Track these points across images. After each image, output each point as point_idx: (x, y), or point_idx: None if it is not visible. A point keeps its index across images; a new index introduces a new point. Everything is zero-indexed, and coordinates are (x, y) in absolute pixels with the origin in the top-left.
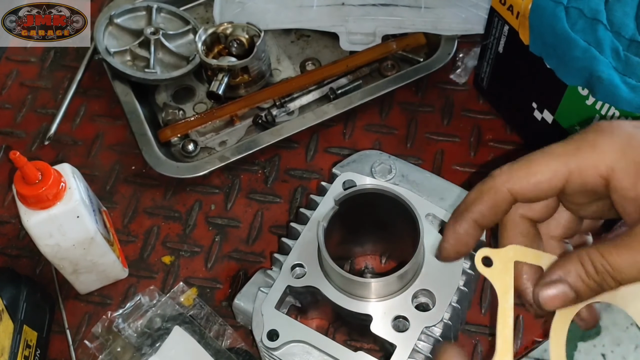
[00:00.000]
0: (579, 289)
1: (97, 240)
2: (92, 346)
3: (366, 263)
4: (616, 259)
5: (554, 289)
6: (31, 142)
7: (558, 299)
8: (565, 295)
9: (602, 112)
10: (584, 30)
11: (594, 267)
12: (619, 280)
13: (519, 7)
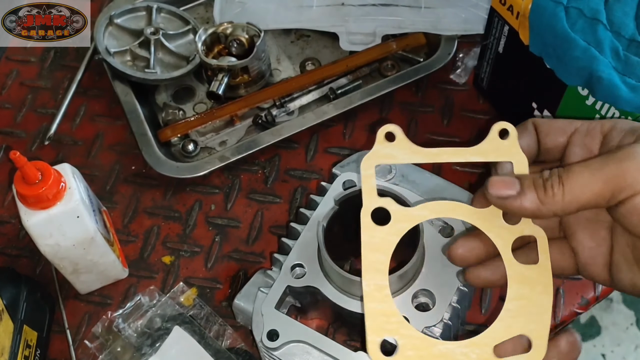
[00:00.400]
0: (525, 186)
1: (97, 240)
2: (92, 346)
3: None
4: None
5: (505, 177)
6: (31, 142)
7: (504, 186)
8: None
9: (602, 112)
10: (584, 30)
11: (552, 171)
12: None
13: (519, 7)
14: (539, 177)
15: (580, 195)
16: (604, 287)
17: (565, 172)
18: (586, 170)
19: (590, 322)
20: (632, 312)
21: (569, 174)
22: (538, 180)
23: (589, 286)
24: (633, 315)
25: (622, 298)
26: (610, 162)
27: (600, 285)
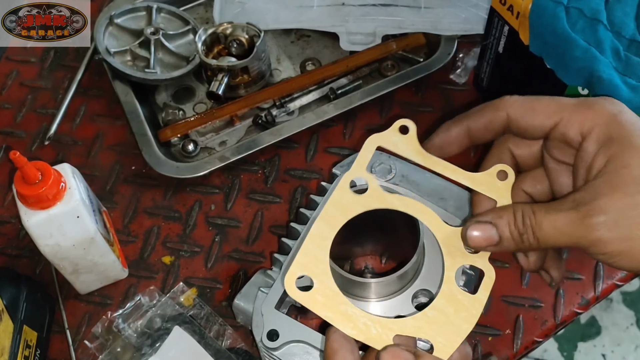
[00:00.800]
0: (503, 236)
1: (97, 240)
2: (92, 346)
3: (366, 263)
4: (542, 217)
5: (482, 228)
6: (31, 142)
7: (482, 240)
8: (490, 238)
9: None
10: (584, 30)
11: (522, 219)
12: (537, 238)
13: (519, 7)
14: (514, 229)
15: (553, 245)
16: (604, 288)
17: (537, 227)
18: (556, 233)
19: (591, 322)
20: (632, 312)
21: (541, 232)
22: (514, 232)
23: (589, 286)
24: (633, 315)
25: (622, 298)
26: (577, 231)
27: (600, 286)
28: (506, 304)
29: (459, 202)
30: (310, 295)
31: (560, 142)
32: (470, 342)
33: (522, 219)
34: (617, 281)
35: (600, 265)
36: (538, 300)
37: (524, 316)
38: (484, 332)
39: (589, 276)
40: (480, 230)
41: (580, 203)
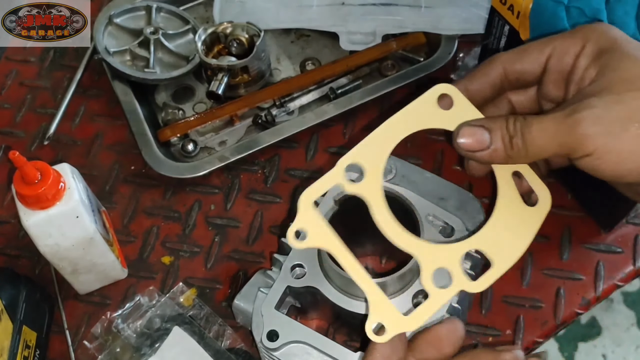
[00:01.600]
0: (494, 139)
1: (97, 240)
2: (91, 346)
3: (366, 263)
4: (532, 120)
5: (473, 131)
6: (30, 142)
7: (474, 142)
8: (481, 141)
9: None
10: None
11: (514, 124)
12: (526, 142)
13: (519, 7)
14: (506, 133)
15: (541, 152)
16: (604, 288)
17: (527, 129)
18: (544, 135)
19: (591, 322)
20: (633, 313)
21: (530, 135)
22: (505, 136)
23: (590, 287)
24: (634, 315)
25: (622, 299)
26: (563, 128)
27: (601, 286)
28: (506, 304)
29: (459, 202)
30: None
31: (555, 74)
32: (470, 342)
33: (513, 123)
34: (618, 281)
35: (601, 266)
36: (538, 301)
37: (524, 316)
38: (484, 332)
39: (590, 276)
40: (471, 132)
41: (568, 103)
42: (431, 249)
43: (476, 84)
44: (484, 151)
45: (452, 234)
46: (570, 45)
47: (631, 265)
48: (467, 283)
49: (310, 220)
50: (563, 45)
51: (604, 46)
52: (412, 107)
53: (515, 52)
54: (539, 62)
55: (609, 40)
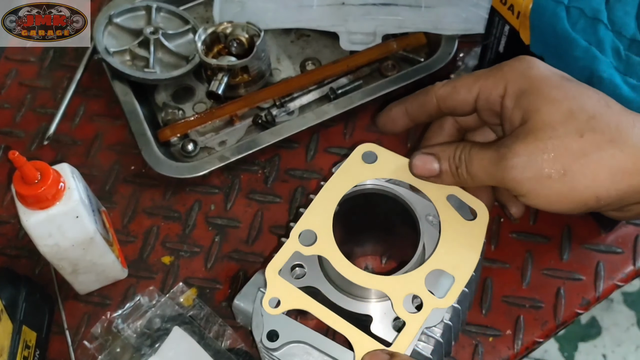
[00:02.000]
0: (442, 168)
1: (97, 240)
2: (91, 347)
3: (366, 263)
4: (475, 154)
5: (425, 159)
6: (30, 141)
7: (425, 170)
8: (431, 169)
9: None
10: (585, 29)
11: (460, 155)
12: (470, 173)
13: (519, 7)
14: (452, 162)
15: (485, 183)
16: (604, 288)
17: (469, 162)
18: (483, 171)
19: (591, 322)
20: (633, 313)
21: (472, 168)
22: (452, 165)
23: (590, 287)
24: (634, 315)
25: (622, 299)
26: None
27: (601, 286)
28: (507, 304)
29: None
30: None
31: (486, 110)
32: (470, 342)
33: (459, 154)
34: (618, 281)
35: (601, 266)
36: (538, 301)
37: (524, 316)
38: (484, 332)
39: (590, 277)
40: (423, 161)
41: (502, 145)
42: (396, 281)
43: (413, 109)
44: (436, 178)
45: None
46: (492, 87)
47: (631, 265)
48: (436, 301)
49: (280, 287)
50: (487, 86)
51: (523, 87)
52: (343, 169)
53: (449, 87)
54: (468, 100)
55: (527, 81)
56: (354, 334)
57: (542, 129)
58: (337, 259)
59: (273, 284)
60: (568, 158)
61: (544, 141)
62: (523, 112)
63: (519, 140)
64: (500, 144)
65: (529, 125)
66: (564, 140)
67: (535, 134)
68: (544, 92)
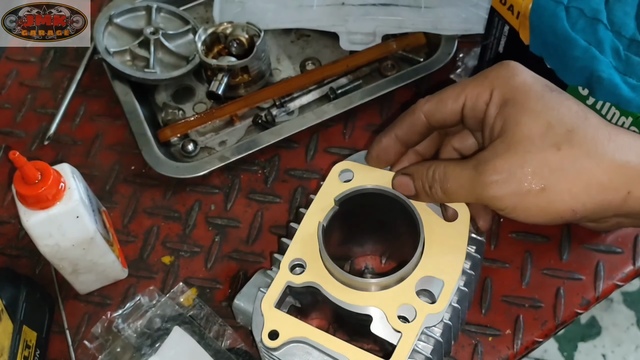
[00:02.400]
0: (417, 187)
1: (97, 240)
2: (91, 346)
3: (366, 263)
4: (450, 172)
5: (402, 178)
6: (31, 142)
7: (402, 188)
8: (407, 187)
9: (602, 112)
10: (585, 30)
11: (433, 174)
12: (445, 191)
13: (519, 7)
14: (425, 182)
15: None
16: (604, 288)
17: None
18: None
19: (591, 322)
20: (633, 313)
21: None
22: (425, 184)
23: (590, 286)
24: (633, 315)
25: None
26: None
27: (600, 286)
28: (506, 304)
29: None
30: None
31: (472, 119)
32: (469, 342)
33: (432, 174)
34: (618, 281)
35: (600, 266)
36: (538, 301)
37: (524, 316)
38: (484, 332)
39: (590, 276)
40: (400, 182)
41: (480, 161)
42: (387, 295)
43: (403, 133)
44: (414, 196)
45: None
46: (479, 94)
47: (631, 265)
48: (429, 307)
49: (277, 319)
50: (474, 92)
51: (507, 96)
52: (322, 192)
53: (434, 101)
54: (455, 110)
55: (512, 90)
56: (356, 355)
57: (521, 142)
58: (329, 285)
59: (269, 317)
60: (546, 172)
61: (523, 155)
62: (504, 122)
63: (498, 156)
64: (478, 159)
65: (508, 138)
66: (542, 154)
67: (515, 147)
68: (525, 104)
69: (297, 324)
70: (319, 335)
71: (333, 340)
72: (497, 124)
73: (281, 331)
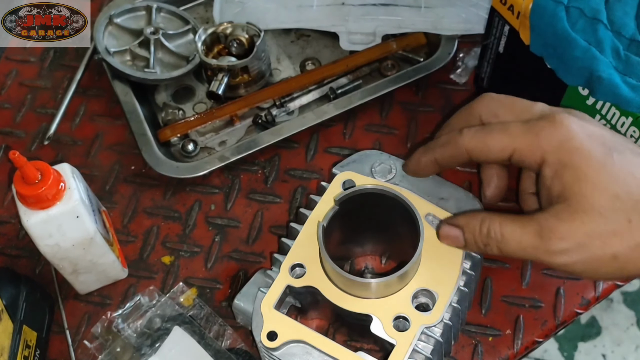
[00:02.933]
0: (468, 241)
1: (97, 240)
2: (91, 346)
3: (366, 263)
4: (509, 234)
5: (451, 230)
6: (31, 142)
7: (450, 240)
8: (456, 240)
9: (602, 112)
10: (585, 29)
11: (487, 231)
12: (501, 249)
13: (519, 7)
14: (479, 239)
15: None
16: (604, 288)
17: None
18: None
19: (591, 322)
20: (633, 313)
21: (504, 245)
22: (479, 242)
23: (590, 286)
24: (633, 315)
25: (622, 298)
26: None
27: (600, 286)
28: (506, 304)
29: (458, 201)
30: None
31: (521, 165)
32: (470, 342)
33: (487, 231)
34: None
35: None
36: (538, 301)
37: (524, 316)
38: (484, 332)
39: None
40: (449, 232)
41: (544, 228)
42: (384, 303)
43: (444, 161)
44: (462, 247)
45: None
46: (528, 153)
47: None
48: (424, 318)
49: (276, 321)
50: (524, 149)
51: (563, 160)
52: (325, 199)
53: (479, 143)
54: (500, 158)
55: (569, 154)
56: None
57: (587, 212)
58: (328, 289)
59: (269, 318)
60: (617, 243)
61: (591, 226)
62: (563, 187)
63: (564, 221)
64: (540, 225)
65: (572, 206)
66: (613, 226)
67: (581, 217)
68: (587, 173)
69: (295, 326)
70: (316, 338)
71: (329, 344)
72: (554, 186)
73: (280, 332)
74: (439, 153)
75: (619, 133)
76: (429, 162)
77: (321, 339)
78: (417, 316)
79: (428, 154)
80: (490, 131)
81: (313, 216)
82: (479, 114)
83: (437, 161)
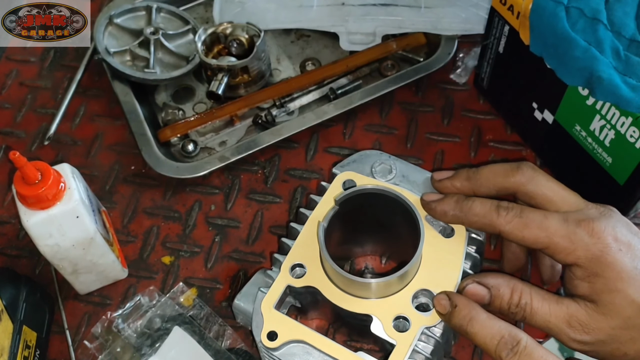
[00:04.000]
0: (495, 304)
1: (97, 240)
2: (91, 346)
3: (366, 263)
4: (538, 308)
5: (478, 289)
6: (31, 142)
7: (476, 297)
8: (482, 298)
9: (602, 113)
10: (585, 30)
11: (519, 301)
12: (526, 319)
13: (519, 7)
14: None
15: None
16: None
17: (530, 314)
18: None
19: None
20: None
21: (533, 318)
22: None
23: None
24: None
25: None
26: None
27: None
28: None
29: None
30: None
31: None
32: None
33: (517, 301)
34: None
35: None
36: None
37: None
38: None
39: None
40: (475, 290)
41: (573, 317)
42: (384, 304)
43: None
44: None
45: (452, 234)
46: (562, 253)
47: None
48: (424, 319)
49: (276, 320)
50: (556, 248)
51: (595, 270)
52: (325, 199)
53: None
54: (532, 247)
55: (601, 267)
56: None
57: (615, 318)
58: (328, 289)
59: (269, 318)
60: (631, 347)
61: (616, 331)
62: (594, 291)
63: (592, 319)
64: (570, 314)
65: (601, 308)
66: (633, 334)
67: (608, 321)
68: (618, 286)
69: (295, 326)
70: (316, 338)
71: (329, 344)
72: (583, 286)
73: (280, 332)
74: (470, 220)
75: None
76: (455, 220)
77: (321, 339)
78: (417, 316)
79: (458, 214)
80: (528, 224)
81: (313, 216)
82: (516, 185)
83: (464, 224)
